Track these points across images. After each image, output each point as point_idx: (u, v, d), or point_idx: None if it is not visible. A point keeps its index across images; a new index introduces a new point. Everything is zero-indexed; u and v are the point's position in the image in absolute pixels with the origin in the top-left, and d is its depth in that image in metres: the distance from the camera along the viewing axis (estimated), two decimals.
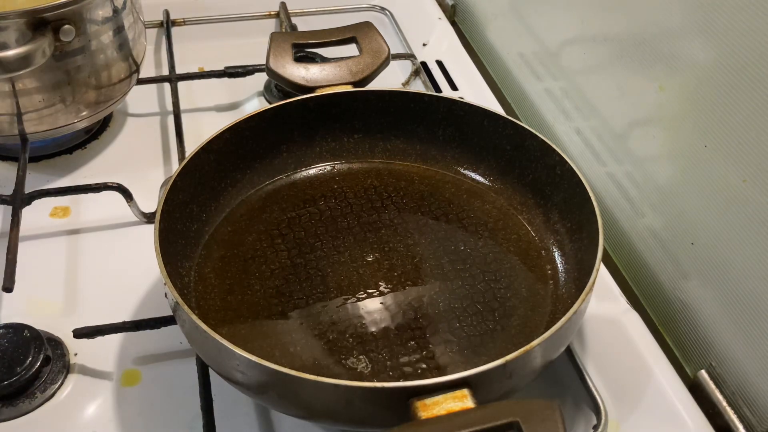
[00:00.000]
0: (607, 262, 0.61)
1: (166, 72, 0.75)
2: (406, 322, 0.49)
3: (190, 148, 0.54)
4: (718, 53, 0.47)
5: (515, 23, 0.76)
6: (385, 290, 0.51)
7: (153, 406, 0.49)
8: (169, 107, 0.72)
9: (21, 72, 0.55)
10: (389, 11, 0.86)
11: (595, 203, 0.49)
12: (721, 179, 0.49)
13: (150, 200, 0.59)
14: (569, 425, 0.48)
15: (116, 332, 0.50)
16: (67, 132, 0.64)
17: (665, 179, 0.55)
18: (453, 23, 0.88)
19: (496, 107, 0.72)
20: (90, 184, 0.59)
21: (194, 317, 0.41)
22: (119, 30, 0.62)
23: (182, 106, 0.70)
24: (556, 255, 0.53)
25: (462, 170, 0.60)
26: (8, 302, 0.54)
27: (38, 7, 0.55)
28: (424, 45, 0.82)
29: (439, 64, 0.79)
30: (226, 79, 0.74)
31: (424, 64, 0.79)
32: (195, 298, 0.50)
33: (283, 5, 0.84)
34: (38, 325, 0.50)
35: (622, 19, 0.58)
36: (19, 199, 0.57)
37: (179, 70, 0.73)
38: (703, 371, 0.52)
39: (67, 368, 0.50)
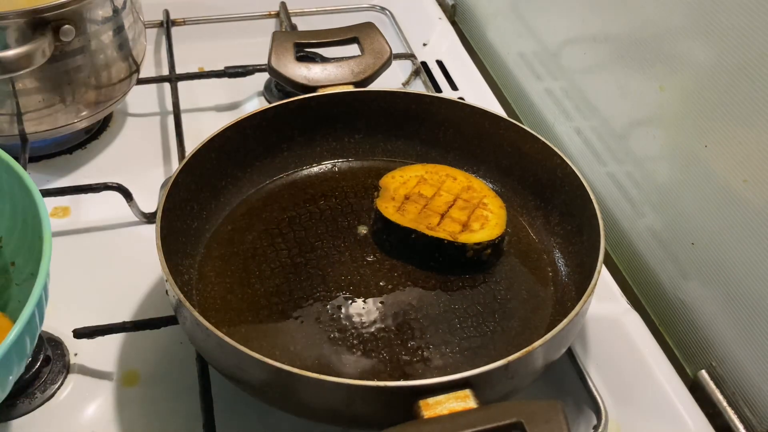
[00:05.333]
0: (608, 262, 0.61)
1: (166, 72, 0.75)
2: (407, 322, 0.49)
3: (190, 148, 0.54)
4: (718, 53, 0.47)
5: (515, 23, 0.76)
6: (386, 290, 0.51)
7: (153, 406, 0.49)
8: (169, 107, 0.72)
9: (21, 72, 0.55)
10: (389, 11, 0.86)
11: (596, 206, 0.49)
12: (721, 179, 0.49)
13: (150, 200, 0.59)
14: (570, 426, 0.48)
15: (116, 332, 0.50)
16: (67, 132, 0.64)
17: (665, 179, 0.55)
18: (453, 23, 0.88)
19: (497, 107, 0.72)
20: (90, 184, 0.59)
21: (196, 314, 0.41)
22: (119, 30, 0.62)
23: (182, 106, 0.70)
24: (557, 257, 0.53)
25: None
26: None
27: (38, 7, 0.55)
28: (425, 45, 0.82)
29: (440, 64, 0.79)
30: (226, 79, 0.74)
31: (424, 64, 0.79)
32: (196, 296, 0.50)
33: (283, 5, 0.84)
34: None
35: (622, 19, 0.58)
36: None
37: (179, 70, 0.73)
38: (703, 371, 0.52)
39: (67, 368, 0.50)
